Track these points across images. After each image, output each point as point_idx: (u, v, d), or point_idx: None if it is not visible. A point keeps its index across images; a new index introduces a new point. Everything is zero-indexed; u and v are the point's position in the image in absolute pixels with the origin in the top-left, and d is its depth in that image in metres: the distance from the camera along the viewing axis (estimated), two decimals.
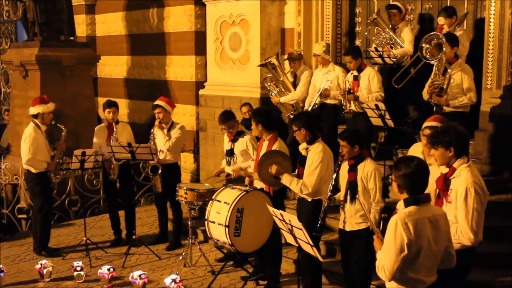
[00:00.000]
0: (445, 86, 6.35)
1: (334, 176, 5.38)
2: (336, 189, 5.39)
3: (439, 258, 3.81)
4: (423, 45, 6.39)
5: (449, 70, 6.34)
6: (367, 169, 5.16)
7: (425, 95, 6.59)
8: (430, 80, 6.54)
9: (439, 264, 3.84)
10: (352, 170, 5.24)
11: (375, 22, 7.77)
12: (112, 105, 7.76)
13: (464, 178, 4.19)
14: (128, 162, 7.66)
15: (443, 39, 6.25)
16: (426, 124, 5.01)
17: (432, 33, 6.54)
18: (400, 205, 3.80)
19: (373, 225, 4.14)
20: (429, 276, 3.78)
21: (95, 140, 7.84)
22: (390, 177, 4.07)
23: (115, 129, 7.67)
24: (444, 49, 6.25)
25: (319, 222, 5.35)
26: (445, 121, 4.96)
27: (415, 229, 3.61)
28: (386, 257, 3.67)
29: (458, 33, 7.18)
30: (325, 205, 5.34)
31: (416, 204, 3.71)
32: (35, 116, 7.45)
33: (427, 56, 6.37)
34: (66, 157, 7.77)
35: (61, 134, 7.64)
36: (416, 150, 5.15)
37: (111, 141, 7.52)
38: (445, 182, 4.28)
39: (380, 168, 5.48)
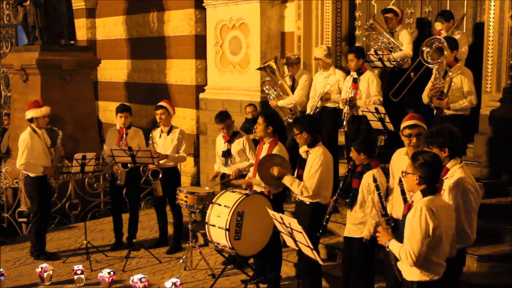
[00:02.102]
0: (445, 90, 6.37)
1: (343, 179, 5.39)
2: (345, 192, 5.39)
3: (450, 244, 4.02)
4: (424, 48, 6.42)
5: (450, 73, 6.36)
6: (368, 180, 5.10)
7: (425, 98, 6.60)
8: (429, 83, 6.56)
9: None
10: (357, 177, 5.25)
11: (372, 27, 7.79)
12: (124, 109, 7.68)
13: (457, 178, 4.30)
14: (137, 168, 7.62)
15: (445, 43, 6.27)
16: (403, 124, 4.97)
17: (433, 36, 6.57)
18: (418, 196, 3.96)
19: (380, 216, 4.22)
20: (445, 261, 3.99)
21: (105, 146, 7.77)
22: (403, 172, 4.13)
23: (125, 134, 7.61)
24: (445, 52, 6.27)
25: (324, 223, 5.39)
26: (421, 118, 5.00)
27: (438, 216, 3.82)
28: (412, 243, 3.84)
29: (456, 36, 7.20)
30: (331, 206, 5.35)
31: (432, 194, 3.92)
32: (31, 120, 7.42)
33: (428, 60, 6.40)
34: (66, 160, 7.73)
35: (57, 137, 7.60)
36: (399, 155, 5.16)
37: (120, 146, 7.48)
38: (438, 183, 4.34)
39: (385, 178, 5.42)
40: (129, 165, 7.46)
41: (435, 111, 6.53)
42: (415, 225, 3.81)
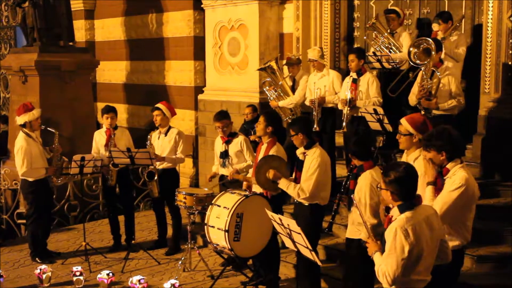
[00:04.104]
0: (433, 91, 6.42)
1: (345, 179, 5.40)
2: (347, 191, 5.39)
3: (436, 255, 3.90)
4: (411, 49, 6.53)
5: (438, 73, 6.41)
6: (361, 183, 5.09)
7: (412, 100, 6.66)
8: (415, 86, 6.61)
9: (436, 260, 3.92)
10: (353, 178, 5.25)
11: (374, 26, 7.80)
12: (110, 110, 7.75)
13: (458, 177, 4.26)
14: (127, 168, 7.68)
15: (432, 44, 6.33)
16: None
17: (421, 37, 6.63)
18: (395, 211, 3.85)
19: (368, 228, 4.17)
20: (429, 275, 3.88)
21: (94, 148, 7.83)
22: (378, 186, 4.11)
23: (112, 135, 7.67)
24: (432, 53, 6.32)
25: (330, 220, 5.41)
26: (414, 121, 5.03)
27: (414, 234, 3.68)
28: (387, 264, 3.73)
29: (454, 37, 7.22)
30: (336, 203, 5.36)
31: (411, 209, 3.78)
32: (23, 125, 7.40)
33: (416, 60, 6.47)
34: (64, 157, 7.71)
35: (53, 137, 7.61)
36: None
37: (109, 147, 7.52)
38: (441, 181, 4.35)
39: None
40: (119, 164, 7.47)
41: (422, 112, 6.54)
42: (391, 246, 3.71)
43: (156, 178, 7.34)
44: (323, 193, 5.67)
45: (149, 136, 7.59)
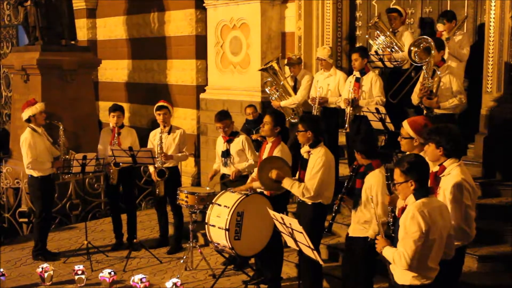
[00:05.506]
0: (434, 89, 6.42)
1: (348, 179, 5.40)
2: (349, 192, 5.39)
3: (444, 247, 4.01)
4: (412, 48, 6.54)
5: (438, 73, 6.41)
6: (370, 181, 5.07)
7: (415, 99, 6.67)
8: (418, 85, 6.61)
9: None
10: (360, 177, 5.24)
11: (376, 25, 7.79)
12: (117, 109, 7.73)
13: (453, 176, 4.32)
14: (131, 167, 7.66)
15: (432, 43, 6.33)
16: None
17: (421, 36, 6.64)
18: (411, 199, 3.95)
19: (379, 224, 4.22)
20: (438, 265, 3.98)
21: (100, 146, 7.81)
22: (393, 185, 4.16)
23: (117, 134, 7.66)
24: (432, 52, 6.32)
25: (330, 221, 5.42)
26: (414, 123, 5.05)
27: (430, 218, 3.82)
28: (405, 245, 3.84)
29: (458, 37, 7.21)
30: (337, 204, 5.36)
31: (426, 196, 3.91)
32: (28, 120, 7.45)
33: (416, 59, 6.47)
34: (72, 152, 7.72)
35: (58, 132, 7.65)
36: None
37: (112, 145, 7.52)
38: (435, 180, 4.41)
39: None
40: (120, 164, 7.47)
41: (424, 111, 6.55)
42: (409, 228, 3.82)
43: (166, 176, 7.34)
44: (326, 193, 5.66)
45: (160, 135, 7.53)
